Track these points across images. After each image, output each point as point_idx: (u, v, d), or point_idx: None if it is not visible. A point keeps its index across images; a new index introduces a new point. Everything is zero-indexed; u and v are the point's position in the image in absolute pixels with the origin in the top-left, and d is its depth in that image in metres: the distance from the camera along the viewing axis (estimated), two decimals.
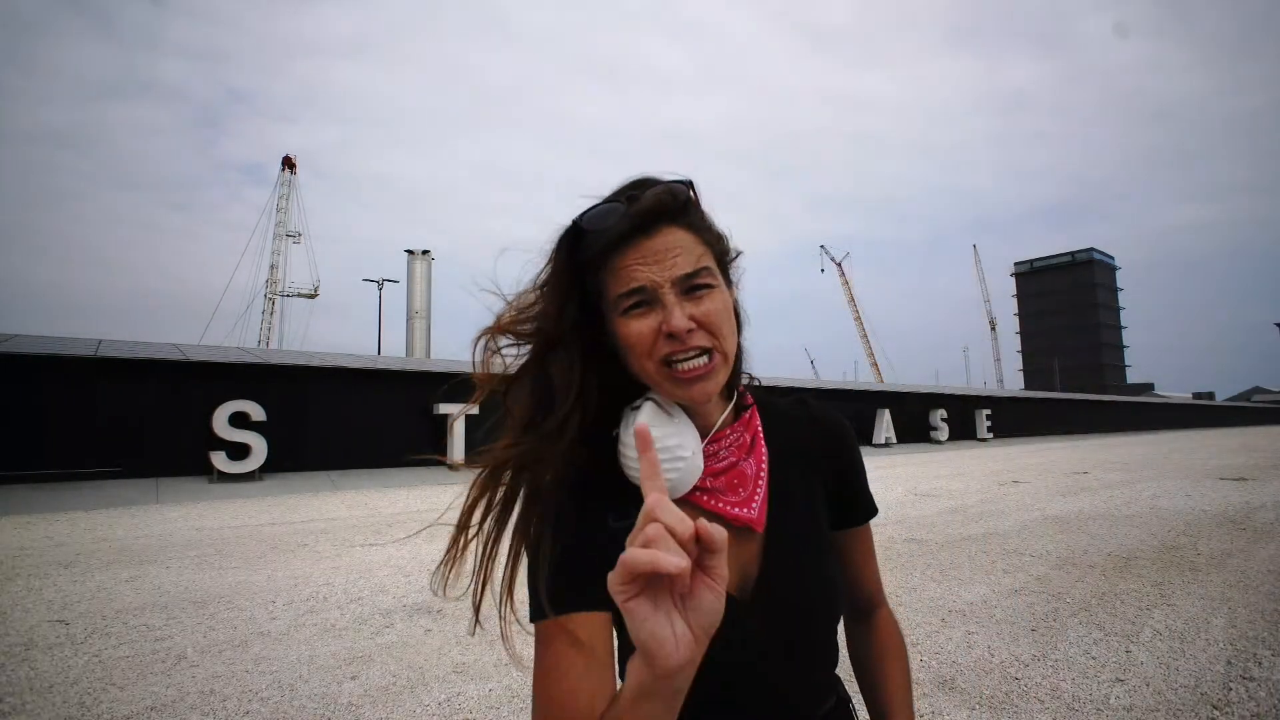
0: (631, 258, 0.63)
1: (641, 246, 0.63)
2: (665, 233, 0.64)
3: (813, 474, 0.76)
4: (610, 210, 0.63)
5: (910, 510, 8.29)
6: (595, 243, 0.64)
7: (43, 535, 6.96)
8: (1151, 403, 56.10)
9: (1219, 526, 6.77)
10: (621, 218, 0.62)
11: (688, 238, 0.65)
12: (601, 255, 0.64)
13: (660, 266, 0.63)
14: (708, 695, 0.62)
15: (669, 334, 0.62)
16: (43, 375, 10.39)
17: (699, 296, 0.63)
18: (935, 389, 31.24)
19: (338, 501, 9.83)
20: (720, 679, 0.65)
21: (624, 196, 0.65)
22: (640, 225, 0.63)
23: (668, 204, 0.64)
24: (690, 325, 0.62)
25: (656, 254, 0.63)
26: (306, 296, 49.61)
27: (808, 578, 0.70)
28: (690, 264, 0.63)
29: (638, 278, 0.63)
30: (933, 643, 3.40)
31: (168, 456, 11.08)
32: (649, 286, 0.63)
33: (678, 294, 0.63)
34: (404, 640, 3.52)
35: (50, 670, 3.12)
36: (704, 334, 0.63)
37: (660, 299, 0.62)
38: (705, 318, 0.63)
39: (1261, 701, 2.66)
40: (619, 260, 0.64)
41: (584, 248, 0.65)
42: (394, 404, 13.64)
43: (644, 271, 0.62)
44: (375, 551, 5.96)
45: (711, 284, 0.64)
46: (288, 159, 50.15)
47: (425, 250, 34.99)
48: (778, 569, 0.68)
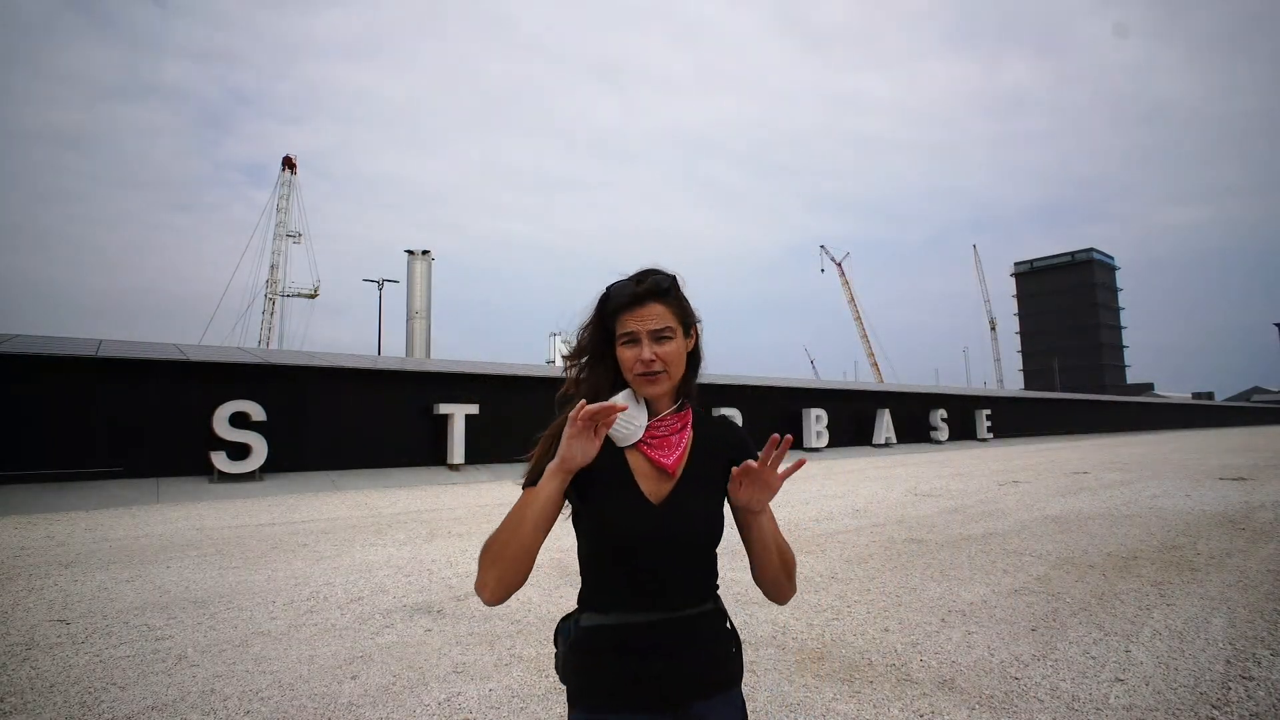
0: (631, 315, 1.13)
1: (637, 311, 1.13)
2: (651, 305, 1.13)
3: (720, 454, 1.21)
4: (623, 285, 1.15)
5: (910, 510, 8.29)
6: (615, 304, 1.15)
7: (43, 535, 6.96)
8: (1151, 403, 56.09)
9: (1219, 526, 6.78)
10: (628, 294, 1.13)
11: (663, 309, 1.14)
12: (616, 311, 1.15)
13: (644, 322, 1.13)
14: (622, 569, 1.10)
15: (641, 360, 1.12)
16: (43, 375, 10.39)
17: (662, 342, 1.13)
18: (935, 389, 31.25)
19: (338, 501, 9.83)
20: (630, 560, 1.10)
21: (633, 279, 1.15)
22: (639, 299, 1.13)
23: (655, 290, 1.14)
24: (653, 358, 1.12)
25: (643, 316, 1.13)
26: (307, 296, 49.58)
27: (696, 504, 1.15)
28: (660, 324, 1.13)
29: (631, 326, 1.13)
30: (933, 643, 3.41)
31: (168, 456, 11.08)
32: (636, 333, 1.13)
33: (650, 340, 1.12)
34: (404, 640, 3.52)
35: (51, 670, 3.12)
36: (660, 363, 1.13)
37: (640, 340, 1.13)
38: (663, 355, 1.13)
39: (1261, 701, 2.66)
40: (625, 315, 1.14)
41: (609, 304, 1.16)
42: (394, 404, 13.64)
43: (635, 324, 1.13)
44: (375, 551, 5.96)
45: (671, 336, 1.14)
46: (288, 159, 50.10)
47: (425, 250, 34.98)
48: (679, 495, 1.14)
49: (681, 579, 1.13)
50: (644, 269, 1.18)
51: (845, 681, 2.93)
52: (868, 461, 18.05)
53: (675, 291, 1.17)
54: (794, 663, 3.16)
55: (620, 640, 1.10)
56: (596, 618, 1.12)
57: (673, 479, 1.14)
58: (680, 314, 1.16)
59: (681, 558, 1.13)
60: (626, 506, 1.10)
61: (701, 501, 1.15)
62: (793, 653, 3.30)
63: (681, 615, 1.12)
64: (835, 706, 2.68)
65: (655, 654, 1.09)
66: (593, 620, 1.12)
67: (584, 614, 1.14)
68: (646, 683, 1.08)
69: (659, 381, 1.13)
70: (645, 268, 1.18)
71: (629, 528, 1.09)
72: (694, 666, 1.12)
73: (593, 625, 1.12)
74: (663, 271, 1.18)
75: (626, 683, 1.08)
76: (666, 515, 1.11)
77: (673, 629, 1.11)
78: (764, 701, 2.73)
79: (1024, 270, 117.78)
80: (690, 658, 1.12)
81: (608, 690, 1.09)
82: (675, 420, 1.18)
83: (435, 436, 13.84)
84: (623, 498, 1.11)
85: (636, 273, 1.17)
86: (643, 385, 1.14)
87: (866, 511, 8.24)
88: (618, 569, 1.11)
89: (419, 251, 34.84)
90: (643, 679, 1.08)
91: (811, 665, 3.13)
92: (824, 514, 8.07)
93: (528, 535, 1.05)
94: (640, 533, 1.09)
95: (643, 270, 1.18)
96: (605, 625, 1.11)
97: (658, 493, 1.13)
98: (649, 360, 1.11)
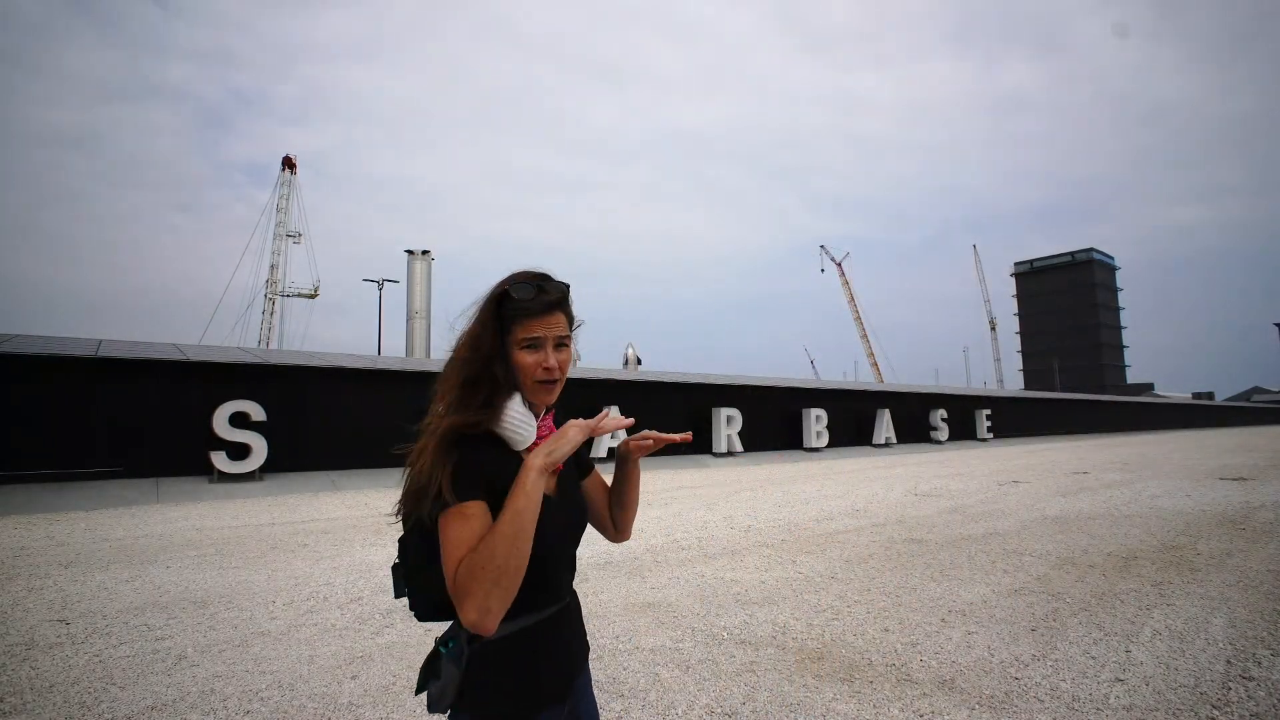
0: (537, 321, 1.12)
1: (543, 317, 1.13)
2: (554, 313, 1.14)
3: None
4: (527, 288, 1.13)
5: (910, 510, 8.29)
6: (518, 307, 1.12)
7: (43, 535, 6.96)
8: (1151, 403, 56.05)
9: (1219, 526, 6.78)
10: (537, 299, 1.12)
11: (563, 318, 1.16)
12: (519, 315, 1.12)
13: (548, 329, 1.13)
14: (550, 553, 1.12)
15: (544, 367, 1.13)
16: (43, 375, 10.39)
17: (561, 350, 1.15)
18: (935, 389, 31.23)
19: (338, 501, 9.83)
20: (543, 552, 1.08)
21: (535, 284, 1.14)
22: (547, 306, 1.13)
23: (560, 299, 1.16)
24: (555, 364, 1.14)
25: (548, 323, 1.13)
26: (307, 296, 49.54)
27: (577, 492, 1.26)
28: (561, 332, 1.15)
29: (537, 332, 1.12)
30: (933, 643, 3.41)
31: (168, 456, 11.08)
32: (542, 339, 1.13)
33: (552, 346, 1.14)
34: (404, 640, 3.52)
35: (51, 670, 3.12)
36: (558, 370, 1.15)
37: (543, 347, 1.13)
38: (562, 363, 1.15)
39: (1261, 701, 2.66)
40: (530, 321, 1.12)
41: (507, 305, 1.13)
42: (394, 404, 13.63)
43: (541, 330, 1.13)
44: (375, 551, 5.96)
45: (567, 344, 1.17)
46: (288, 159, 50.04)
47: (425, 250, 34.92)
48: (563, 487, 1.21)
49: (570, 567, 1.22)
50: (537, 272, 1.17)
51: (845, 681, 2.93)
52: (868, 461, 18.04)
53: (569, 300, 1.21)
54: (794, 663, 3.16)
55: (531, 642, 1.11)
56: (507, 627, 1.08)
57: (557, 473, 1.19)
58: (571, 323, 1.20)
59: (574, 546, 1.22)
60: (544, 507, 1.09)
61: (578, 493, 1.26)
62: (793, 653, 3.30)
63: (569, 602, 1.21)
64: (835, 706, 2.68)
65: (557, 645, 1.15)
66: (505, 629, 1.07)
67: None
68: (553, 677, 1.13)
69: (555, 390, 1.15)
70: (532, 270, 1.17)
71: (546, 527, 1.08)
72: (579, 646, 1.22)
73: (499, 635, 1.07)
74: (553, 278, 1.18)
75: (540, 682, 1.11)
76: (564, 508, 1.18)
77: (566, 617, 1.19)
78: (764, 701, 2.73)
79: (1024, 270, 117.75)
80: (577, 639, 1.22)
81: (524, 695, 1.09)
82: (548, 419, 1.20)
83: None
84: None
85: (533, 275, 1.16)
86: (540, 392, 1.14)
87: (866, 511, 8.24)
88: (539, 567, 1.09)
89: (419, 251, 34.79)
90: (551, 674, 1.13)
91: (811, 665, 3.12)
92: (824, 514, 8.06)
93: (528, 543, 1.02)
94: (552, 530, 1.12)
95: (540, 274, 1.17)
96: (514, 632, 1.09)
97: (551, 489, 1.18)
98: (551, 368, 1.13)
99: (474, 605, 0.96)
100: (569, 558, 1.21)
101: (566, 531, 1.18)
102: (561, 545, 1.17)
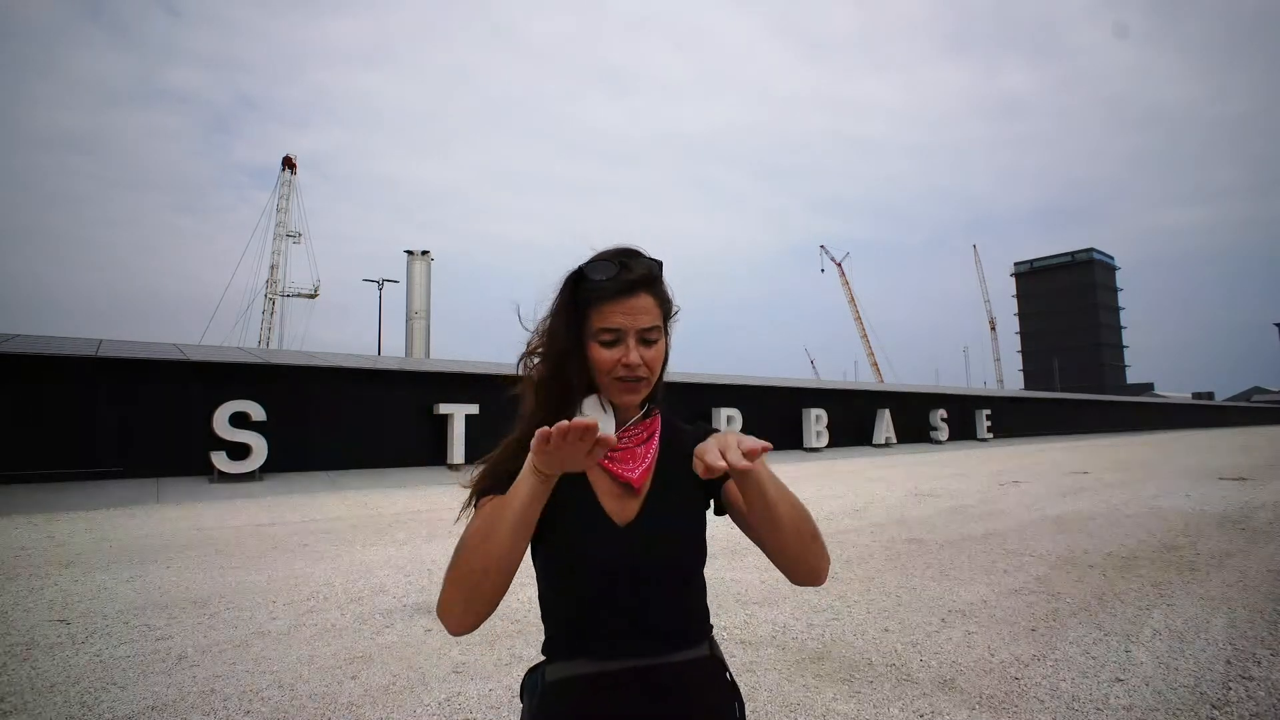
0: (614, 307, 0.92)
1: (624, 302, 0.92)
2: (640, 296, 0.93)
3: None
4: (605, 267, 0.93)
5: (910, 510, 8.29)
6: (593, 290, 0.93)
7: (43, 535, 6.96)
8: (1151, 403, 56.08)
9: (1219, 526, 6.78)
10: (615, 279, 0.92)
11: (652, 303, 0.95)
12: (595, 300, 0.93)
13: (631, 318, 0.92)
14: (596, 593, 0.92)
15: (625, 364, 0.93)
16: (43, 375, 10.39)
17: (649, 345, 0.95)
18: (935, 389, 31.24)
19: (338, 501, 9.83)
20: (602, 584, 0.92)
21: (617, 260, 0.93)
22: (628, 287, 0.92)
23: (646, 277, 0.94)
24: (640, 362, 0.93)
25: (631, 310, 0.92)
26: (307, 297, 49.53)
27: (667, 524, 0.96)
28: (649, 321, 0.94)
29: (615, 322, 0.92)
30: (933, 643, 3.41)
31: (168, 456, 11.09)
32: (623, 330, 0.92)
33: (636, 340, 0.93)
34: (404, 640, 3.52)
35: (51, 670, 3.12)
36: (645, 369, 0.95)
37: (625, 340, 0.93)
38: (649, 360, 0.95)
39: (1261, 701, 2.66)
40: (608, 307, 0.92)
41: (582, 290, 0.94)
42: (394, 404, 13.64)
43: (620, 319, 0.92)
44: (375, 551, 5.96)
45: (658, 338, 0.96)
46: (287, 159, 49.95)
47: (425, 251, 34.92)
48: (647, 514, 0.96)
49: (658, 616, 0.94)
50: (623, 247, 0.97)
51: (845, 681, 2.93)
52: (868, 461, 18.04)
53: (661, 280, 0.98)
54: (794, 663, 3.16)
55: (591, 694, 0.90)
56: (563, 668, 0.93)
57: (639, 496, 0.96)
58: (664, 309, 0.98)
59: (655, 589, 0.94)
60: (589, 530, 0.93)
61: (673, 520, 0.97)
62: (793, 653, 3.30)
63: (664, 662, 0.92)
64: (835, 706, 2.68)
65: (634, 709, 0.90)
66: (559, 672, 0.93)
67: (550, 664, 0.95)
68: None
69: (640, 389, 0.96)
70: (623, 245, 0.97)
71: (593, 555, 0.92)
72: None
73: (559, 679, 0.93)
74: (644, 253, 0.97)
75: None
76: (634, 538, 0.94)
77: (655, 679, 0.91)
78: (764, 701, 2.73)
79: (1024, 270, 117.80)
80: (679, 716, 0.92)
81: None
82: (641, 429, 0.99)
83: (435, 436, 13.84)
84: (584, 520, 0.94)
85: (615, 251, 0.96)
86: (621, 392, 0.95)
87: (866, 511, 8.24)
88: (583, 607, 0.93)
89: (419, 252, 34.78)
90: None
91: (811, 665, 3.12)
92: (824, 514, 8.06)
93: (501, 546, 0.83)
94: (605, 560, 0.92)
95: (623, 249, 0.96)
96: (573, 677, 0.92)
97: (623, 513, 0.95)
98: (635, 365, 0.93)
99: (440, 599, 0.87)
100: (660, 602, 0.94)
101: (636, 564, 0.92)
102: (628, 581, 0.92)
